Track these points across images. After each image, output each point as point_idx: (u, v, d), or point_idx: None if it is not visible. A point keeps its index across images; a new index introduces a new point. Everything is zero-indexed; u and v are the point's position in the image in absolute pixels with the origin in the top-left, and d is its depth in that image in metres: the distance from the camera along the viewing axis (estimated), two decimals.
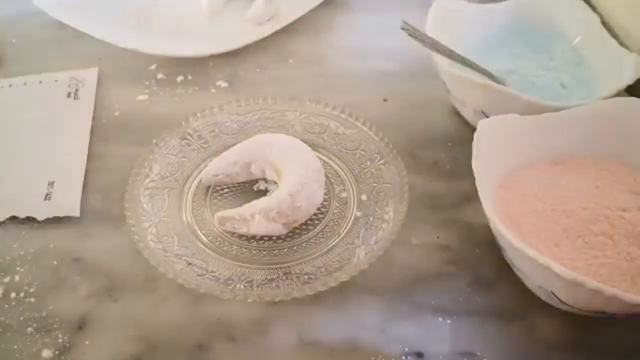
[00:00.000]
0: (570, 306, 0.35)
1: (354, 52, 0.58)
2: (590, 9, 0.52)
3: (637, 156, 0.40)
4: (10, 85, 0.53)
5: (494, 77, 0.48)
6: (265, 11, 0.59)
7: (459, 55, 0.47)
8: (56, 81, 0.53)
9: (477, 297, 0.38)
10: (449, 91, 0.48)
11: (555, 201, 0.37)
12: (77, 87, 0.52)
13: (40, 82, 0.53)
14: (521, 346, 0.36)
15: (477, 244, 0.41)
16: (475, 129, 0.38)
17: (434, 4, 0.50)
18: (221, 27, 0.60)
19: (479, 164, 0.37)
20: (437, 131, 0.49)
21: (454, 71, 0.44)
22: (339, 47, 0.59)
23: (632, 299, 0.30)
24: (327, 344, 0.36)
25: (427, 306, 0.38)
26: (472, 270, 0.40)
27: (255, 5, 0.59)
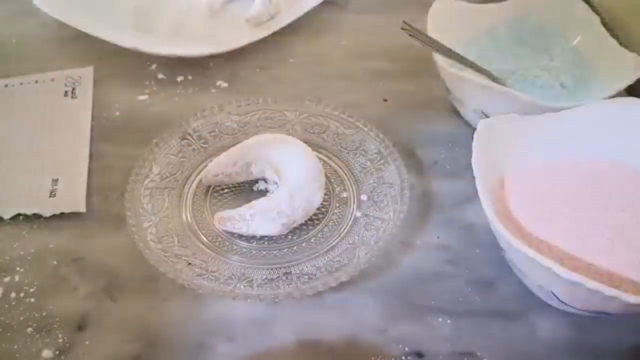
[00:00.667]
0: (570, 306, 0.35)
1: (354, 52, 0.58)
2: (590, 9, 0.52)
3: (637, 156, 0.40)
4: (5, 85, 0.53)
5: (494, 77, 0.48)
6: (265, 11, 0.59)
7: (459, 55, 0.47)
8: (52, 80, 0.54)
9: (477, 297, 0.38)
10: (449, 91, 0.48)
11: (555, 201, 0.37)
12: (73, 85, 0.53)
13: (36, 82, 0.53)
14: (521, 346, 0.36)
15: (477, 244, 0.41)
16: (475, 129, 0.38)
17: (434, 4, 0.50)
18: (221, 27, 0.60)
19: (479, 164, 0.37)
20: (437, 131, 0.49)
21: (454, 71, 0.44)
22: (339, 47, 0.59)
23: (632, 299, 0.30)
24: (327, 344, 0.36)
25: (427, 306, 0.38)
26: (472, 270, 0.40)
27: (255, 5, 0.59)
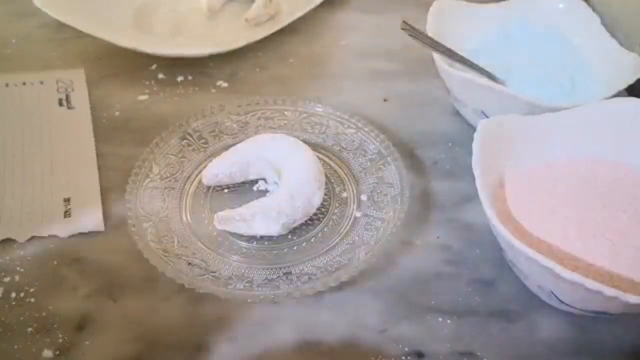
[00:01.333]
0: (570, 306, 0.35)
1: (354, 52, 0.58)
2: (590, 9, 0.52)
3: (637, 156, 0.40)
4: None
5: (494, 77, 0.48)
6: (265, 11, 0.59)
7: (459, 55, 0.47)
8: (42, 83, 0.52)
9: (477, 297, 0.38)
10: (449, 91, 0.48)
11: (554, 201, 0.37)
12: (66, 92, 0.51)
13: (24, 84, 0.52)
14: (521, 346, 0.36)
15: (477, 244, 0.41)
16: (475, 129, 0.38)
17: (434, 4, 0.50)
18: (221, 27, 0.61)
19: (479, 164, 0.37)
20: (437, 131, 0.49)
21: (454, 71, 0.44)
22: (339, 47, 0.59)
23: (632, 299, 0.30)
24: (327, 344, 0.36)
25: (427, 306, 0.38)
26: (472, 270, 0.40)
27: (255, 5, 0.59)
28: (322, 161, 0.45)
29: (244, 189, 0.44)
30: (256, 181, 0.44)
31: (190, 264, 0.38)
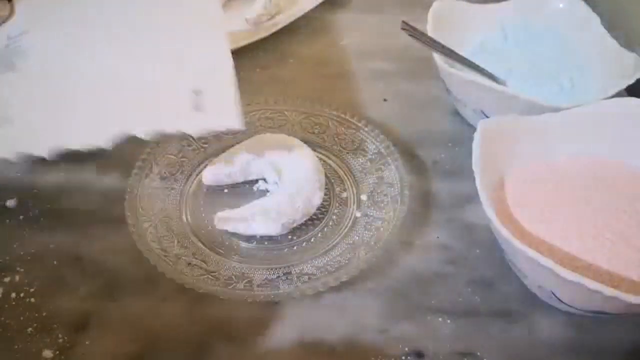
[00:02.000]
0: (570, 306, 0.35)
1: (354, 52, 0.58)
2: (590, 9, 0.52)
3: (637, 156, 0.40)
4: None
5: (494, 77, 0.48)
6: (265, 11, 0.59)
7: (459, 55, 0.47)
8: None
9: (477, 297, 0.38)
10: (449, 91, 0.48)
11: (554, 201, 0.37)
12: None
13: None
14: (521, 346, 0.36)
15: (477, 244, 0.41)
16: (475, 129, 0.38)
17: (434, 4, 0.50)
18: None
19: (479, 164, 0.37)
20: (437, 131, 0.49)
21: (454, 71, 0.44)
22: (339, 47, 0.59)
23: (632, 299, 0.30)
24: (327, 344, 0.36)
25: (427, 306, 0.38)
26: (472, 270, 0.40)
27: (255, 5, 0.59)
28: (322, 161, 0.45)
29: (244, 189, 0.44)
30: (256, 181, 0.44)
31: (190, 264, 0.38)
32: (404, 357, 0.35)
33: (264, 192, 0.44)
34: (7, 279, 0.39)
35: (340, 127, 0.47)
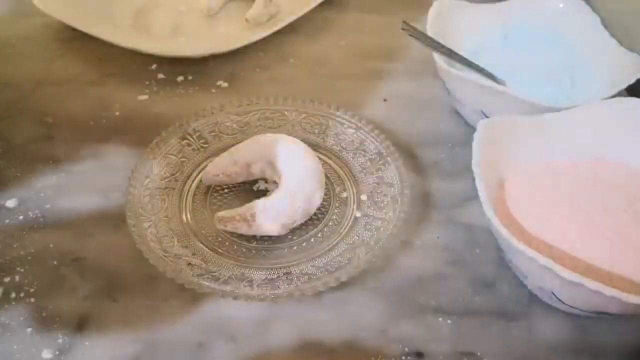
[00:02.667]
0: (570, 306, 0.35)
1: (354, 52, 0.58)
2: (590, 9, 0.52)
3: (637, 156, 0.40)
4: None
5: (494, 77, 0.48)
6: (265, 11, 0.59)
7: (459, 55, 0.47)
8: None
9: (477, 297, 0.38)
10: (449, 91, 0.48)
11: (554, 201, 0.37)
12: None
13: None
14: (521, 346, 0.36)
15: (477, 244, 0.41)
16: (475, 129, 0.38)
17: (434, 4, 0.50)
18: (221, 27, 0.60)
19: (479, 164, 0.37)
20: (437, 131, 0.49)
21: (454, 71, 0.44)
22: (339, 47, 0.59)
23: (632, 299, 0.30)
24: (327, 344, 0.36)
25: (427, 306, 0.38)
26: (472, 270, 0.40)
27: (255, 5, 0.59)
28: (322, 161, 0.45)
29: (244, 189, 0.44)
30: (256, 181, 0.44)
31: (190, 264, 0.38)
32: (404, 357, 0.35)
33: (264, 192, 0.44)
34: (7, 279, 0.39)
35: (340, 127, 0.47)
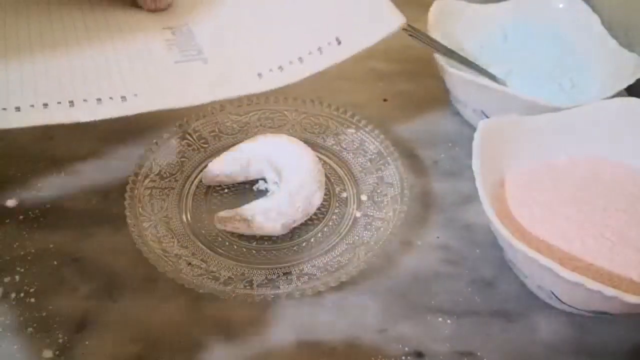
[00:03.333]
0: (570, 306, 0.35)
1: None
2: (590, 9, 0.52)
3: (637, 156, 0.40)
4: None
5: (494, 77, 0.48)
6: None
7: (459, 55, 0.47)
8: None
9: (477, 297, 0.38)
10: (449, 91, 0.48)
11: (555, 201, 0.37)
12: None
13: None
14: (521, 346, 0.36)
15: (477, 244, 0.41)
16: (475, 129, 0.38)
17: (434, 4, 0.50)
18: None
19: (479, 164, 0.37)
20: (437, 131, 0.49)
21: (454, 71, 0.44)
22: None
23: (632, 299, 0.30)
24: (327, 344, 0.36)
25: (427, 306, 0.38)
26: (472, 270, 0.40)
27: None
28: (322, 161, 0.45)
29: (244, 189, 0.44)
30: (256, 181, 0.44)
31: (190, 264, 0.38)
32: (404, 357, 0.35)
33: (264, 192, 0.44)
34: (7, 279, 0.39)
35: (340, 127, 0.47)
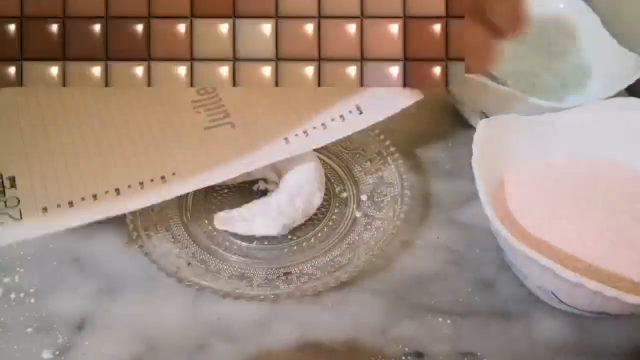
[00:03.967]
0: (570, 306, 0.35)
1: None
2: (590, 9, 0.52)
3: (637, 156, 0.40)
4: None
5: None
6: None
7: None
8: None
9: (477, 297, 0.38)
10: (449, 91, 0.48)
11: (555, 201, 0.37)
12: None
13: None
14: (521, 346, 0.36)
15: (477, 244, 0.41)
16: (475, 129, 0.38)
17: None
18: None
19: (479, 164, 0.37)
20: (437, 131, 0.49)
21: None
22: None
23: (632, 299, 0.30)
24: (327, 344, 0.36)
25: (427, 306, 0.38)
26: (472, 270, 0.40)
27: None
28: (322, 161, 0.45)
29: (244, 189, 0.44)
30: (256, 181, 0.44)
31: (190, 264, 0.38)
32: (404, 357, 0.35)
33: (264, 192, 0.44)
34: (7, 279, 0.39)
35: None
